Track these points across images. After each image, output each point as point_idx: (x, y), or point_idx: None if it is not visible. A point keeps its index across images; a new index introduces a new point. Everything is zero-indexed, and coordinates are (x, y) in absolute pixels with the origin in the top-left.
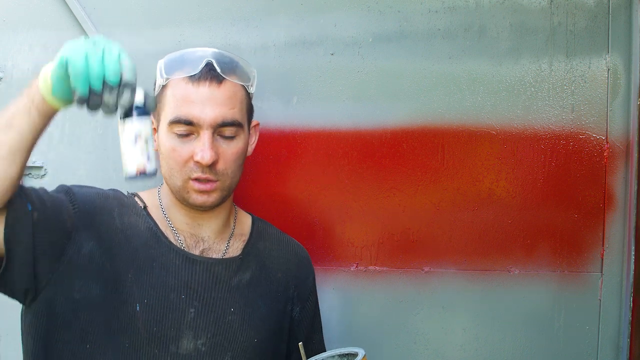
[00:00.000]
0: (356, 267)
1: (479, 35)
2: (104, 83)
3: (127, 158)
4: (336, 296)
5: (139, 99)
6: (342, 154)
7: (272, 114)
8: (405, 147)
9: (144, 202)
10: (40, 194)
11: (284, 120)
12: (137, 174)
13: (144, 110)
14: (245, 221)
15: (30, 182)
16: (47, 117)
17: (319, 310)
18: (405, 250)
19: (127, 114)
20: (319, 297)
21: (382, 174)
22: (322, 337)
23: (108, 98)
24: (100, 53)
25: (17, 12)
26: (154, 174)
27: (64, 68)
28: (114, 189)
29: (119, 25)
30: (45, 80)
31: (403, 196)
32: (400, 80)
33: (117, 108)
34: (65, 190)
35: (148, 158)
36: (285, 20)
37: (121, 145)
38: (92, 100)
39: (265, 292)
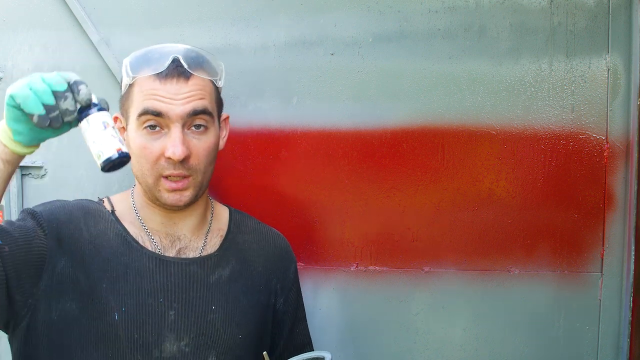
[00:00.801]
0: (356, 267)
1: (479, 35)
2: (56, 96)
3: (100, 145)
4: (336, 296)
5: (92, 96)
6: (342, 154)
7: (272, 114)
8: (405, 147)
9: (112, 206)
10: (6, 227)
11: (284, 120)
12: (116, 152)
13: (100, 107)
14: (222, 214)
15: (30, 182)
16: (13, 164)
17: (302, 299)
18: (405, 250)
19: (87, 113)
20: (319, 297)
21: (382, 174)
22: (307, 325)
23: (64, 104)
24: (38, 77)
25: (17, 12)
26: (128, 156)
27: (14, 106)
28: (78, 199)
29: (119, 25)
30: (4, 130)
31: (403, 196)
32: (400, 80)
33: (75, 111)
34: (30, 213)
35: (120, 141)
36: (285, 20)
37: (90, 139)
38: (52, 114)
39: (247, 287)
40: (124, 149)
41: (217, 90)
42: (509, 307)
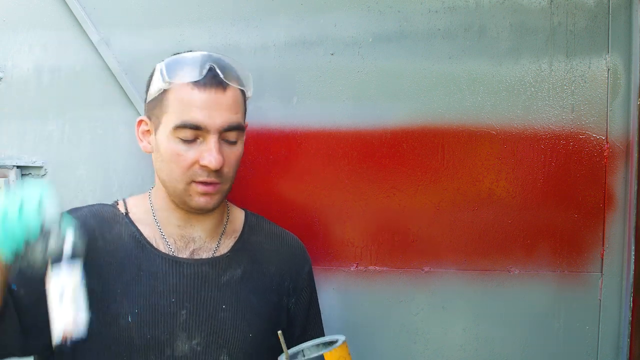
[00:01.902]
0: (356, 267)
1: (479, 35)
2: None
3: (53, 319)
4: (336, 296)
5: (66, 246)
6: (342, 154)
7: (272, 114)
8: (405, 147)
9: (126, 209)
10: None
11: (284, 120)
12: (62, 340)
13: (71, 256)
14: (238, 217)
15: (30, 182)
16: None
17: (316, 300)
18: (405, 250)
19: (54, 262)
20: (319, 297)
21: (382, 174)
22: (321, 327)
23: (32, 256)
24: (16, 209)
25: (17, 12)
26: (81, 336)
27: None
28: (91, 205)
29: (119, 25)
30: None
31: (403, 196)
32: (400, 80)
33: (46, 261)
34: None
35: (75, 317)
36: (285, 20)
37: (48, 302)
38: (22, 259)
39: (259, 287)
40: (75, 332)
41: (245, 100)
42: (509, 307)
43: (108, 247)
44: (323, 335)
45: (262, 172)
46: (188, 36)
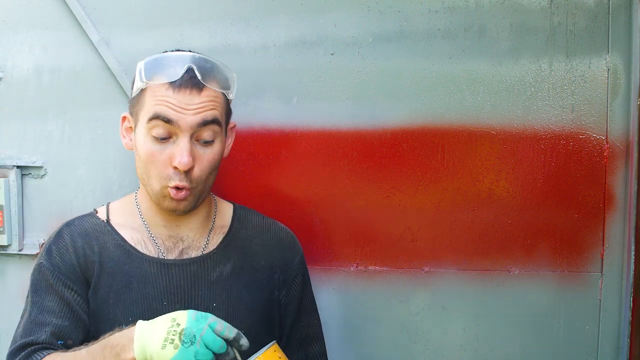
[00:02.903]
0: (356, 267)
1: (479, 35)
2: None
3: None
4: (336, 296)
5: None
6: (342, 154)
7: (272, 114)
8: (405, 147)
9: (107, 216)
10: (56, 327)
11: (284, 120)
12: None
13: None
14: (226, 211)
15: (30, 182)
16: None
17: (309, 292)
18: (405, 250)
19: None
20: (319, 297)
21: (382, 174)
22: (317, 318)
23: None
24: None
25: (17, 12)
26: None
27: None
28: (68, 222)
29: (119, 25)
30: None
31: (403, 196)
32: (400, 80)
33: None
34: (57, 280)
35: None
36: (285, 20)
37: None
38: None
39: (250, 282)
40: None
41: (228, 102)
42: (509, 307)
43: (99, 259)
44: (317, 325)
45: (262, 172)
46: (188, 36)
